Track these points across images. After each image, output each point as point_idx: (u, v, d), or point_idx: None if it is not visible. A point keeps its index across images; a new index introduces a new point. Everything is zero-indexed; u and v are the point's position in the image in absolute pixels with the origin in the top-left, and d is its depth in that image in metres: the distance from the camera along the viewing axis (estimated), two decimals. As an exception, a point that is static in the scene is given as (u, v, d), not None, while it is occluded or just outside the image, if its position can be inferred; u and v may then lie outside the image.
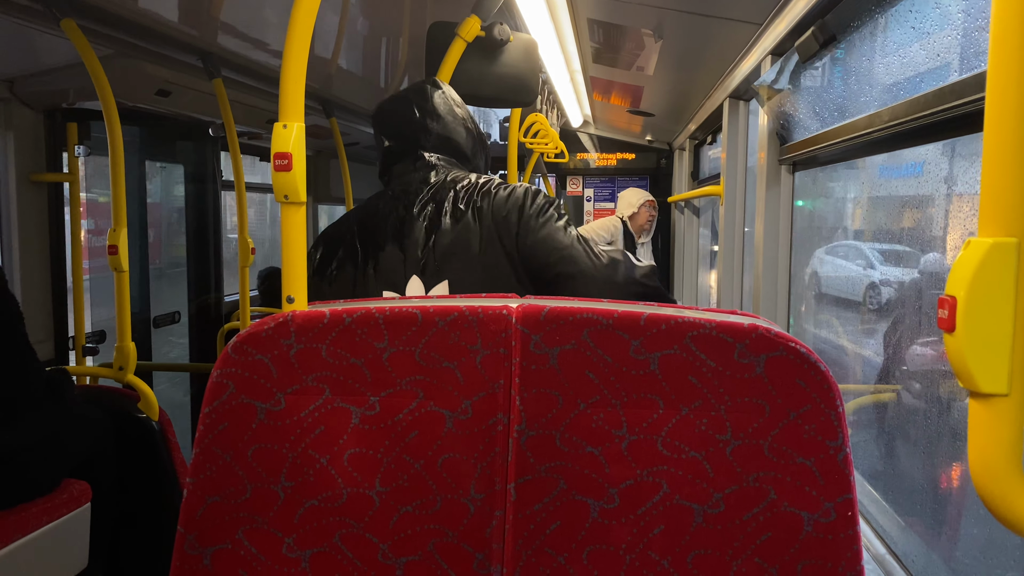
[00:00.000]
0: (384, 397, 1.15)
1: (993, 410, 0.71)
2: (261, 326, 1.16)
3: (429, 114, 1.86)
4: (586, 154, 7.33)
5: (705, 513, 1.09)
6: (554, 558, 1.12)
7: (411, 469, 1.14)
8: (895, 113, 1.58)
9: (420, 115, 1.85)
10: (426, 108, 1.87)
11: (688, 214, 6.10)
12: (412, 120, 1.85)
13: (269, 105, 3.76)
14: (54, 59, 2.76)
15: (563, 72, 4.35)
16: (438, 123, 1.86)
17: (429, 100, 1.88)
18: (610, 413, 1.11)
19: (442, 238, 1.65)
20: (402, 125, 1.86)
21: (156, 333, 4.07)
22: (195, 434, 1.18)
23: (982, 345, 0.70)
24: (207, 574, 1.17)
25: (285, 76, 1.16)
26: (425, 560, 1.14)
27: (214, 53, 3.00)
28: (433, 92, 1.90)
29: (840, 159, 2.21)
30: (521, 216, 1.65)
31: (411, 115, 1.86)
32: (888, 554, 1.68)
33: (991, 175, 0.70)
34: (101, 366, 2.88)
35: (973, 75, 1.26)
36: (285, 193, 1.18)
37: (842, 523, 1.07)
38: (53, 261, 3.12)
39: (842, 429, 1.07)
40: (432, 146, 1.83)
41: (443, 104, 1.90)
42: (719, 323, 1.08)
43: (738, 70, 3.10)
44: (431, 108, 1.87)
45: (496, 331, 1.12)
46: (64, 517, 2.16)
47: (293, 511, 1.16)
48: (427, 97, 1.89)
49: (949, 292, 0.71)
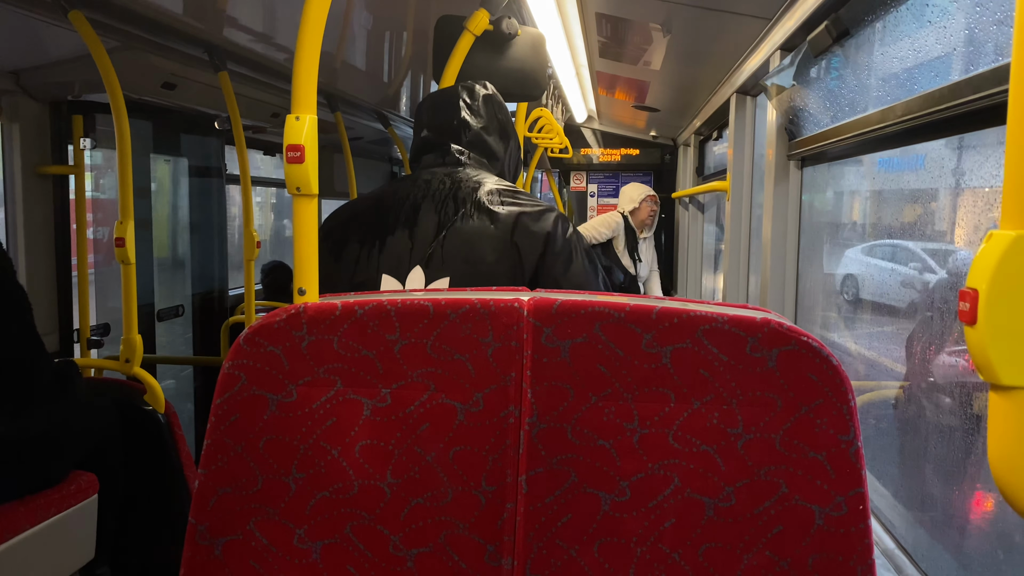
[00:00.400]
0: (396, 389, 1.15)
1: (1014, 403, 0.71)
2: (273, 318, 1.16)
3: (473, 112, 1.87)
4: (590, 149, 7.32)
5: (716, 506, 1.09)
6: (565, 550, 1.11)
7: (422, 461, 1.14)
8: (909, 108, 1.57)
9: (463, 111, 1.87)
10: (471, 106, 1.88)
11: (692, 210, 6.09)
12: (454, 114, 1.87)
13: (274, 99, 3.76)
14: (60, 51, 2.76)
15: (569, 67, 4.34)
16: (478, 122, 1.87)
17: (476, 99, 1.90)
18: (622, 406, 1.10)
19: (454, 235, 1.64)
20: (442, 117, 1.87)
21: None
22: (199, 427, 1.18)
23: (1004, 338, 0.70)
24: (218, 565, 1.17)
25: (298, 68, 1.16)
26: (436, 552, 1.14)
27: (220, 46, 3.00)
28: (481, 92, 1.93)
29: (851, 154, 2.20)
30: (550, 243, 1.64)
31: (455, 109, 1.87)
32: (898, 549, 1.68)
33: (1014, 168, 0.69)
34: (107, 359, 2.88)
35: (990, 69, 1.26)
36: (297, 185, 1.17)
37: (853, 517, 1.07)
38: (58, 253, 3.12)
39: (854, 423, 1.06)
40: (466, 142, 1.84)
41: (488, 107, 1.91)
42: (731, 317, 1.08)
43: (746, 65, 3.09)
44: (476, 107, 1.89)
45: (508, 324, 1.12)
46: (71, 508, 2.17)
47: (304, 502, 1.16)
48: (475, 96, 1.91)
49: (971, 285, 0.71)
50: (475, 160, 1.82)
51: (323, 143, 5.52)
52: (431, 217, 1.68)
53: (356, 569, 1.15)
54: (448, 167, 1.78)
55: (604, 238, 5.59)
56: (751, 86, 3.26)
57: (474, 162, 1.81)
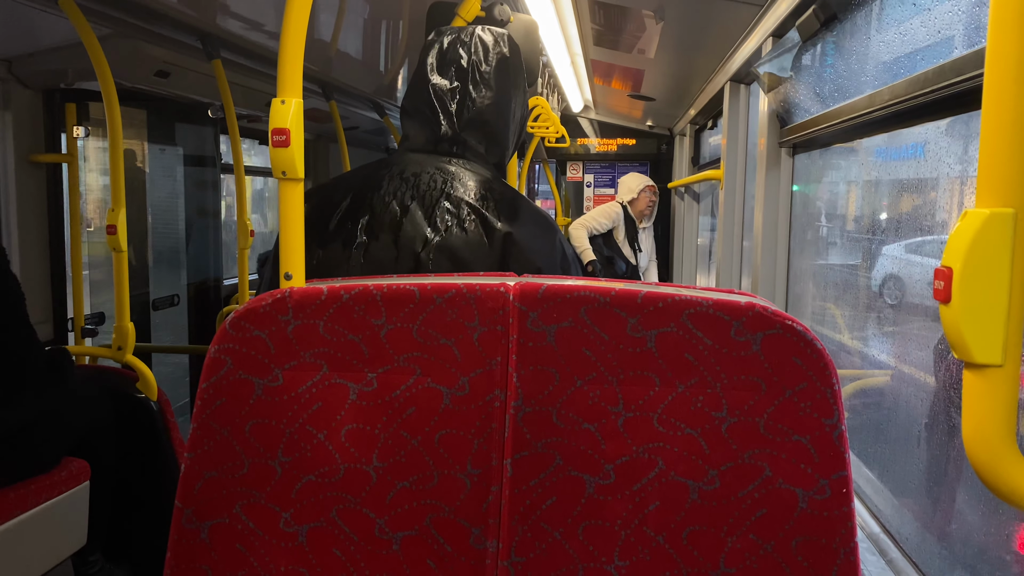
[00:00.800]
0: (382, 373, 1.15)
1: (987, 381, 0.71)
2: (259, 302, 1.16)
3: (482, 81, 1.55)
4: (586, 139, 7.32)
5: (700, 490, 1.10)
6: (550, 533, 1.12)
7: (408, 445, 1.15)
8: (895, 92, 1.57)
9: (468, 79, 1.55)
10: (481, 75, 1.56)
11: (688, 200, 6.10)
12: (458, 78, 1.55)
13: (269, 87, 3.75)
14: (52, 39, 2.75)
15: (564, 55, 4.33)
16: (484, 97, 1.55)
17: (490, 62, 1.56)
18: (607, 390, 1.11)
19: (443, 246, 1.43)
20: (444, 76, 1.56)
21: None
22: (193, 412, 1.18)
23: (977, 316, 0.70)
24: (205, 548, 1.17)
25: (283, 51, 1.16)
26: (421, 535, 1.14)
27: (213, 34, 2.99)
28: (496, 54, 1.57)
29: (841, 140, 2.20)
30: (544, 271, 1.45)
31: (461, 73, 1.55)
32: (882, 532, 1.69)
33: (989, 147, 0.70)
34: (100, 346, 2.88)
35: (973, 52, 1.26)
36: (283, 169, 1.17)
37: (837, 500, 1.07)
38: (52, 242, 3.12)
39: (838, 407, 1.07)
40: (466, 121, 1.54)
41: (501, 74, 1.56)
42: (716, 301, 1.08)
43: (739, 53, 3.09)
44: (487, 75, 1.55)
45: (494, 308, 1.12)
46: (63, 495, 2.17)
47: (290, 486, 1.16)
48: (488, 57, 1.56)
49: (945, 263, 0.71)
50: (472, 149, 1.55)
51: (318, 132, 5.53)
52: (420, 223, 1.46)
53: (342, 552, 1.16)
54: (439, 156, 1.53)
55: (604, 228, 5.60)
56: (744, 74, 3.26)
57: (471, 151, 1.55)
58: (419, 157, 1.53)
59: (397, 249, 1.44)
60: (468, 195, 1.46)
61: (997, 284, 0.70)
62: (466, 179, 1.48)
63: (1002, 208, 0.69)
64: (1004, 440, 0.71)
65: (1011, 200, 0.69)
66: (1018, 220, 0.69)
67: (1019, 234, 0.69)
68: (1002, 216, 0.69)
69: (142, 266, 3.94)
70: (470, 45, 1.55)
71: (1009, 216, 0.69)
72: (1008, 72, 0.69)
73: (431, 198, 1.46)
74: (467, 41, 1.55)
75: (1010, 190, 0.69)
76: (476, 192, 1.46)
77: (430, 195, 1.47)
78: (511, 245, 1.41)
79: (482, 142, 1.55)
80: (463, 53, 1.54)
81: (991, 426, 0.71)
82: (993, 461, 0.71)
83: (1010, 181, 0.69)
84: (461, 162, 1.52)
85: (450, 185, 1.47)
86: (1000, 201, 0.69)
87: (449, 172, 1.49)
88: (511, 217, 1.44)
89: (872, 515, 1.79)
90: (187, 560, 1.18)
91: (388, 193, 1.48)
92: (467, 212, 1.44)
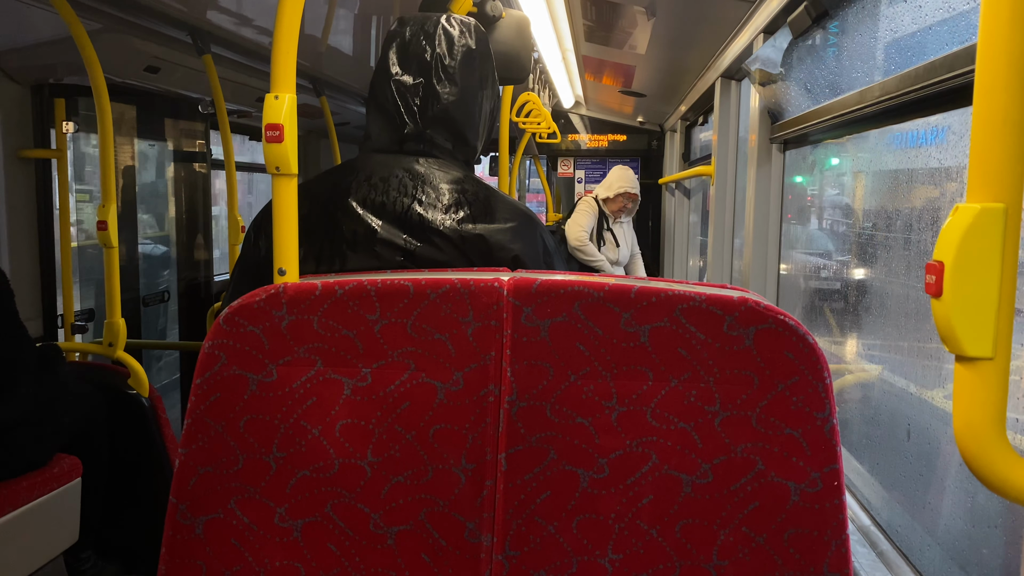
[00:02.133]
0: (376, 369, 1.15)
1: (978, 374, 0.72)
2: (252, 298, 1.16)
3: (447, 76, 1.48)
4: (577, 135, 7.32)
5: (693, 483, 1.10)
6: (544, 527, 1.13)
7: (403, 440, 1.15)
8: (886, 88, 1.58)
9: (432, 74, 1.47)
10: (446, 68, 1.48)
11: (679, 196, 6.11)
12: (421, 73, 1.47)
13: (259, 83, 3.74)
14: (41, 33, 2.73)
15: (555, 51, 4.33)
16: (450, 93, 1.48)
17: (455, 55, 1.48)
18: (600, 385, 1.12)
19: (419, 260, 1.38)
20: (407, 72, 1.48)
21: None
22: (185, 412, 1.18)
23: (968, 310, 0.71)
24: (199, 543, 1.17)
25: (277, 46, 1.16)
26: (416, 529, 1.15)
27: (203, 29, 2.98)
28: (462, 48, 1.49)
29: (832, 136, 2.21)
30: (527, 259, 1.41)
31: (424, 67, 1.47)
32: (873, 525, 1.70)
33: (980, 143, 0.70)
34: (91, 343, 2.87)
35: (964, 48, 1.27)
36: (276, 165, 1.17)
37: (828, 493, 1.08)
38: (42, 238, 3.11)
39: (829, 400, 1.08)
40: (431, 118, 1.47)
41: (467, 68, 1.49)
42: (709, 296, 1.09)
43: (730, 49, 3.10)
44: (451, 69, 1.48)
45: (488, 303, 1.13)
46: (55, 491, 2.17)
47: (285, 481, 1.16)
48: (454, 51, 1.48)
49: (937, 257, 0.72)
50: (439, 147, 1.48)
51: (310, 128, 5.52)
52: (394, 233, 1.39)
53: (337, 547, 1.16)
54: (405, 156, 1.46)
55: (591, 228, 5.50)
56: (735, 70, 3.27)
57: (438, 149, 1.48)
58: (385, 159, 1.46)
59: (377, 258, 1.38)
60: (440, 199, 1.40)
61: (988, 278, 0.71)
62: (436, 181, 1.42)
63: (993, 203, 0.70)
64: (994, 432, 0.72)
65: (1002, 196, 0.69)
66: (1008, 215, 0.70)
67: (1009, 229, 0.70)
68: (993, 211, 0.70)
69: (132, 262, 3.92)
70: (434, 37, 1.48)
71: (1000, 211, 0.69)
72: (999, 69, 0.70)
73: (402, 204, 1.40)
74: (431, 33, 1.48)
75: (1001, 186, 0.70)
76: (448, 195, 1.40)
77: (401, 201, 1.40)
78: (484, 245, 1.37)
79: (449, 140, 1.49)
80: (427, 46, 1.48)
81: (982, 419, 0.72)
82: (984, 453, 0.72)
83: (1001, 177, 0.69)
84: (430, 161, 1.45)
85: (420, 190, 1.41)
86: (991, 196, 0.70)
87: (418, 174, 1.43)
88: (485, 217, 1.39)
89: (863, 508, 1.81)
90: (181, 555, 1.18)
91: (358, 202, 1.41)
92: (440, 217, 1.38)
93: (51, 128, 3.10)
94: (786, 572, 1.09)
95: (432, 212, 1.39)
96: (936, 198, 1.65)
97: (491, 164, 7.33)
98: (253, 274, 1.45)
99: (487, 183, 1.50)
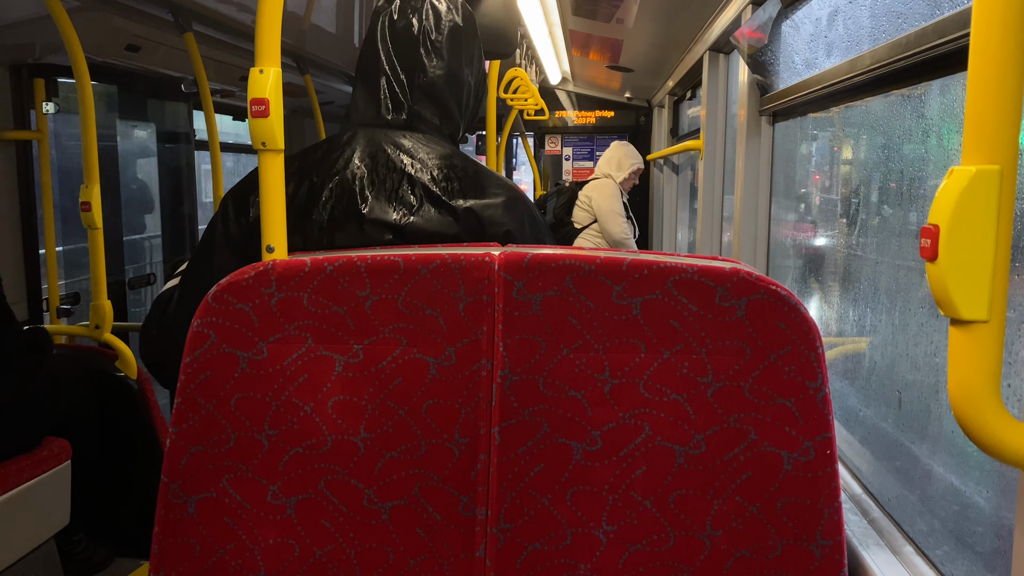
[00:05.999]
0: (367, 345, 1.15)
1: (973, 337, 0.72)
2: (241, 275, 1.15)
3: (434, 50, 1.48)
4: (565, 112, 7.28)
5: (687, 454, 1.11)
6: (538, 499, 1.13)
7: (395, 415, 1.15)
8: (876, 56, 1.57)
9: (420, 47, 1.47)
10: (434, 43, 1.48)
11: (667, 172, 6.10)
12: (408, 48, 1.47)
13: (242, 61, 3.69)
14: (19, 12, 2.68)
15: (542, 25, 4.29)
16: (437, 67, 1.48)
17: (442, 30, 1.49)
18: (593, 357, 1.11)
19: (412, 226, 1.36)
20: (397, 48, 1.47)
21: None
22: (174, 394, 1.17)
23: (963, 273, 0.71)
24: (192, 522, 1.17)
25: (260, 19, 1.14)
26: (410, 504, 1.15)
27: (185, 6, 2.94)
28: (448, 22, 1.50)
29: (821, 107, 2.20)
30: (518, 234, 1.41)
31: (411, 42, 1.47)
32: (864, 494, 1.72)
33: (975, 104, 0.70)
34: (78, 325, 2.85)
35: (955, 13, 1.26)
36: (263, 140, 1.16)
37: (821, 461, 1.09)
38: (24, 221, 3.07)
39: (821, 369, 1.08)
40: (418, 94, 1.47)
41: (453, 42, 1.49)
42: (701, 267, 1.09)
43: (718, 21, 3.08)
44: (439, 43, 1.48)
45: (479, 278, 1.12)
46: (45, 474, 2.16)
47: (278, 459, 1.16)
48: (440, 25, 1.49)
49: (932, 221, 0.72)
50: (426, 121, 1.48)
51: (294, 107, 5.47)
52: (384, 208, 1.38)
53: (331, 523, 1.16)
54: (392, 130, 1.45)
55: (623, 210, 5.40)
56: (723, 43, 3.25)
57: (425, 124, 1.48)
58: (372, 133, 1.45)
59: (364, 236, 1.37)
60: (428, 174, 1.39)
61: (983, 241, 0.70)
62: (424, 156, 1.41)
63: (988, 165, 0.69)
64: (989, 395, 0.72)
65: (997, 157, 0.69)
66: (1004, 177, 0.69)
67: (1004, 191, 0.70)
68: (988, 173, 0.69)
69: (117, 245, 3.88)
70: (421, 11, 1.48)
71: (995, 173, 0.69)
72: (993, 31, 0.69)
73: (392, 181, 1.39)
74: (419, 7, 1.49)
75: (996, 148, 0.69)
76: (436, 170, 1.40)
77: (390, 178, 1.40)
78: (476, 220, 1.37)
79: (436, 114, 1.49)
80: (414, 21, 1.48)
81: (976, 382, 0.72)
82: (979, 416, 0.72)
83: (996, 139, 0.69)
84: (417, 136, 1.45)
85: (409, 164, 1.40)
86: (986, 158, 0.69)
87: (405, 148, 1.42)
88: (475, 192, 1.39)
89: (854, 476, 1.82)
90: (174, 535, 1.18)
91: (347, 178, 1.40)
92: (429, 192, 1.38)
93: (31, 109, 3.05)
94: (779, 540, 1.10)
95: (421, 187, 1.38)
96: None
97: (478, 143, 7.29)
98: (233, 248, 1.40)
99: (475, 159, 1.49)
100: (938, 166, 1.55)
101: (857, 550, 1.44)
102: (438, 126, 1.49)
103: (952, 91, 1.49)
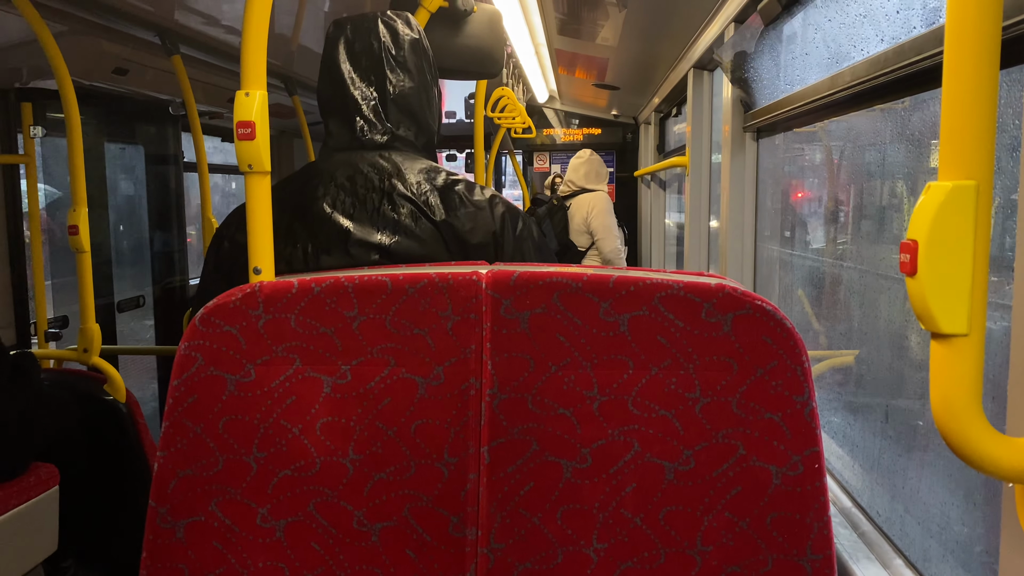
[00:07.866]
0: (355, 365, 1.15)
1: (954, 350, 0.73)
2: (228, 297, 1.15)
3: (399, 64, 1.49)
4: (552, 130, 7.32)
5: (676, 470, 1.11)
6: (528, 518, 1.13)
7: (384, 436, 1.14)
8: (856, 73, 1.59)
9: (385, 64, 1.48)
10: (397, 58, 1.49)
11: (654, 188, 6.13)
12: (374, 67, 1.48)
13: (230, 83, 3.70)
14: (6, 36, 2.69)
15: (528, 45, 4.32)
16: (404, 81, 1.48)
17: (402, 46, 1.50)
18: (581, 375, 1.12)
19: (399, 246, 1.38)
20: (359, 66, 1.48)
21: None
22: (163, 417, 1.17)
23: (943, 287, 0.71)
24: (180, 547, 1.16)
25: (246, 42, 1.15)
26: (400, 525, 1.14)
27: (172, 29, 2.95)
28: (407, 37, 1.51)
29: (804, 123, 2.23)
30: (503, 243, 1.43)
31: (375, 60, 1.48)
32: (854, 507, 1.72)
33: (950, 120, 0.71)
34: (66, 349, 2.83)
35: (932, 30, 1.28)
36: (249, 163, 1.16)
37: (809, 475, 1.09)
38: (11, 245, 3.06)
39: (808, 384, 1.09)
40: (389, 111, 1.48)
41: (415, 55, 1.51)
42: (687, 284, 1.10)
43: (702, 39, 3.11)
44: (402, 58, 1.49)
45: (466, 297, 1.13)
46: (32, 500, 2.14)
47: (266, 481, 1.15)
48: (400, 41, 1.49)
49: (911, 236, 0.73)
50: (401, 138, 1.47)
51: (282, 128, 5.47)
52: (367, 230, 1.39)
53: (320, 546, 1.15)
54: (368, 151, 1.45)
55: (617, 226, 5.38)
56: (707, 60, 3.28)
57: (400, 140, 1.47)
58: (348, 156, 1.45)
59: (350, 258, 1.38)
60: (409, 190, 1.40)
61: (961, 255, 0.71)
62: (404, 173, 1.42)
63: (964, 180, 0.70)
64: (971, 408, 0.73)
65: (973, 173, 0.70)
66: (980, 192, 0.70)
67: (981, 205, 0.71)
68: (964, 188, 0.71)
69: (106, 268, 3.87)
70: (377, 31, 1.49)
71: (971, 188, 0.70)
72: (967, 48, 0.71)
73: (372, 201, 1.40)
74: (372, 28, 1.49)
75: (971, 163, 0.70)
76: (416, 186, 1.41)
77: (371, 198, 1.40)
78: (460, 228, 1.39)
79: (411, 128, 1.49)
80: (372, 42, 1.49)
81: (958, 395, 0.73)
82: (961, 429, 0.73)
83: (971, 154, 0.70)
84: (393, 154, 1.45)
85: (388, 183, 1.41)
86: (962, 174, 0.70)
87: (383, 168, 1.42)
88: (457, 203, 1.41)
89: (843, 490, 1.82)
90: (163, 559, 1.17)
91: (327, 204, 1.41)
92: (411, 208, 1.39)
93: (19, 133, 3.05)
94: (769, 555, 1.10)
95: (403, 205, 1.40)
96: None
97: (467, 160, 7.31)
98: (225, 273, 1.44)
99: (452, 169, 1.51)
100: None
101: (847, 564, 1.44)
102: (413, 141, 1.50)
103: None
